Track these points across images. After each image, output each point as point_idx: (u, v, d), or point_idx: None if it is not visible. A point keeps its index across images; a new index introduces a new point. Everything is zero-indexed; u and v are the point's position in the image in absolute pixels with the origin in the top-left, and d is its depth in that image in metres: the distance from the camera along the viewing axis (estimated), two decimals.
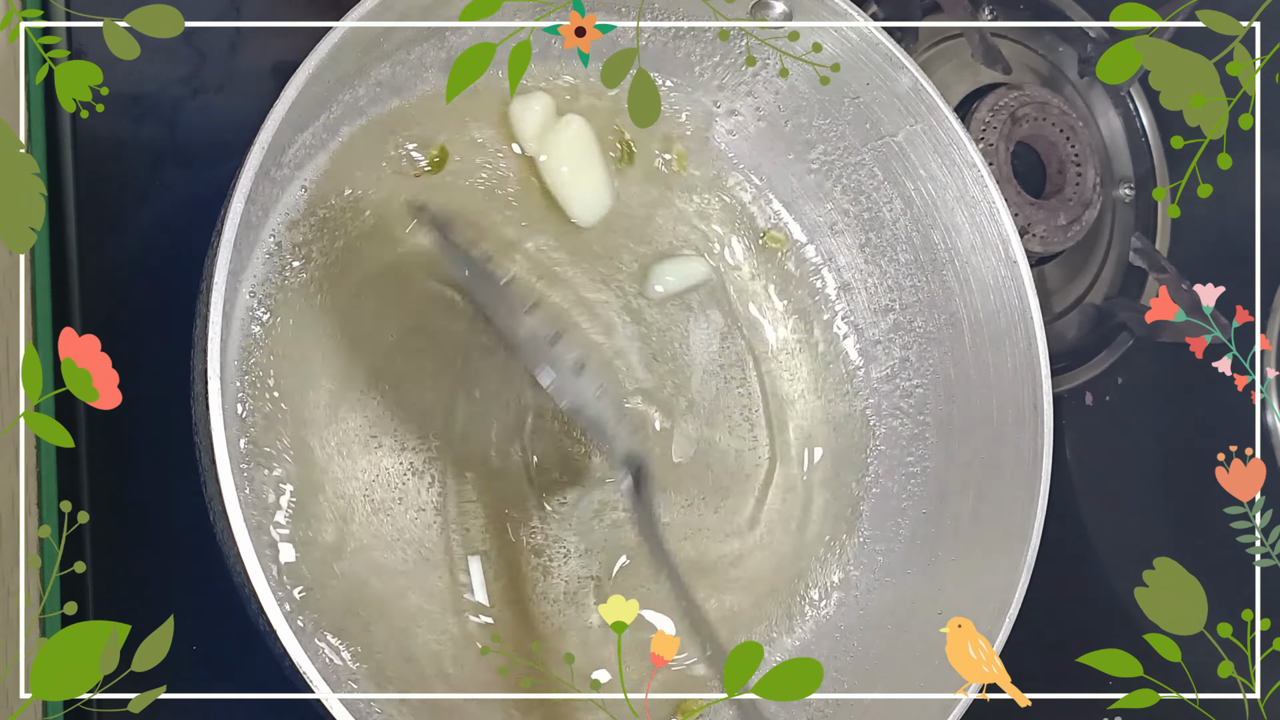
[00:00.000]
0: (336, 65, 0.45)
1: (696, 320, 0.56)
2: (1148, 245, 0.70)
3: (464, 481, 0.50)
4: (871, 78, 0.54)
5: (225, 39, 0.54)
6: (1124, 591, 0.64)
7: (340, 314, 0.49)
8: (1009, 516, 0.52)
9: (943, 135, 0.54)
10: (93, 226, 0.51)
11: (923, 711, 0.49)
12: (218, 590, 0.44)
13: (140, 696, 0.42)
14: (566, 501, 0.52)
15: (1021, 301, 0.54)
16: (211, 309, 0.40)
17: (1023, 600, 0.50)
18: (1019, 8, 0.70)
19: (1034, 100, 0.68)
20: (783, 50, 0.53)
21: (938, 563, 0.54)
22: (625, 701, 0.49)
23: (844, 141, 0.56)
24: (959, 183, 0.54)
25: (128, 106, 0.52)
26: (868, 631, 0.54)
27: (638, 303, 0.55)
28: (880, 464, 0.58)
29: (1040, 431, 0.52)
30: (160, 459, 0.50)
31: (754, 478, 0.56)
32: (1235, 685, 0.50)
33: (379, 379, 0.49)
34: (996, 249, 0.54)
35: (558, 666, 0.49)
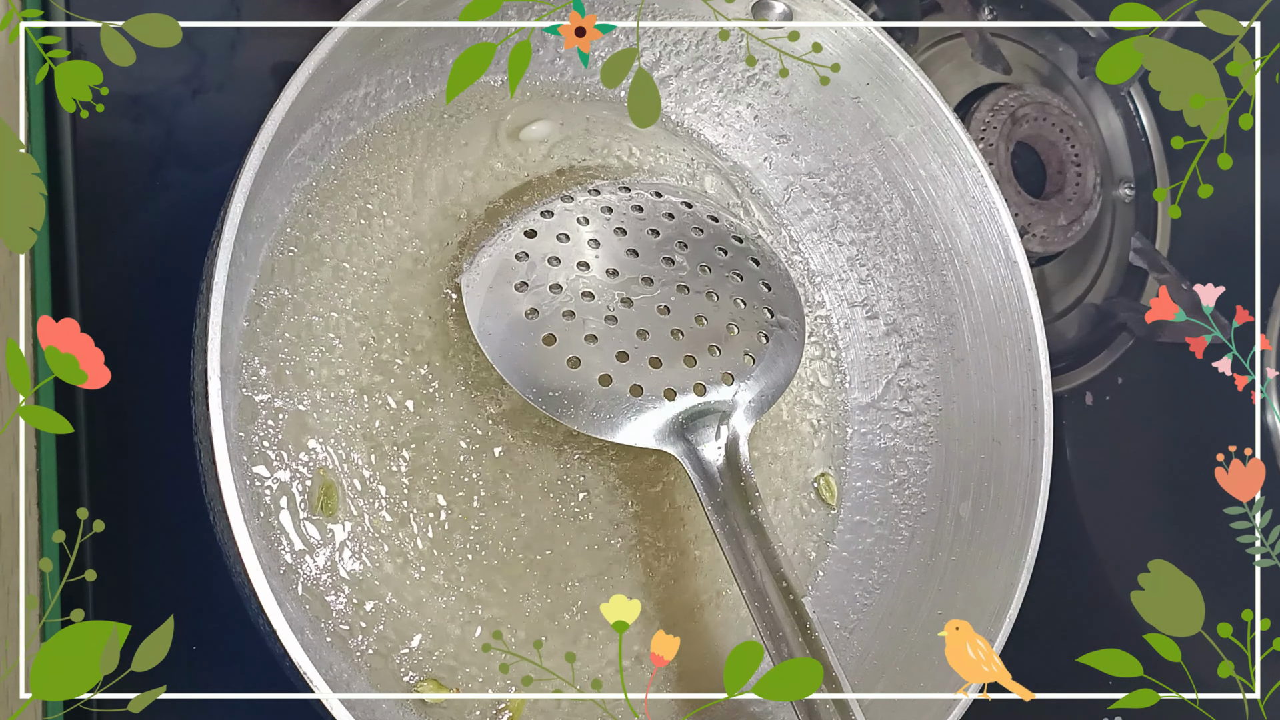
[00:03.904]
0: (336, 65, 0.45)
1: None
2: (1148, 245, 0.70)
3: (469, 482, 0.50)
4: (871, 78, 0.54)
5: (225, 39, 0.54)
6: (1124, 591, 0.64)
7: (342, 315, 0.49)
8: (1009, 516, 0.52)
9: (943, 135, 0.54)
10: (93, 226, 0.51)
11: (923, 711, 0.49)
12: (218, 590, 0.44)
13: (140, 696, 0.42)
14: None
15: (1021, 301, 0.54)
16: (211, 309, 0.40)
17: (1023, 600, 0.50)
18: (1019, 8, 0.70)
19: (1034, 100, 0.68)
20: (782, 50, 0.53)
21: (938, 563, 0.54)
22: (625, 701, 0.49)
23: (844, 141, 0.56)
24: (959, 183, 0.54)
25: (128, 106, 0.52)
26: (868, 631, 0.54)
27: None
28: (879, 464, 0.58)
29: (1040, 431, 0.53)
30: (160, 459, 0.50)
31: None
32: (1235, 685, 0.50)
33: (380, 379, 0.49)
34: (996, 249, 0.54)
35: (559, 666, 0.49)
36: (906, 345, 0.58)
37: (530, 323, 0.49)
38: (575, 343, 0.49)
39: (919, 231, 0.56)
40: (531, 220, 0.51)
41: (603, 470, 0.52)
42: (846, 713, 0.44)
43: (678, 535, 0.53)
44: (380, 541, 0.48)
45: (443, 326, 0.50)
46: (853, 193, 0.57)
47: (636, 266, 0.51)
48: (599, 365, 0.48)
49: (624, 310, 0.50)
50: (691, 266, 0.52)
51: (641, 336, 0.49)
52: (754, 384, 0.51)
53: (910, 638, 0.53)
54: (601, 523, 0.52)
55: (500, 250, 0.50)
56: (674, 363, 0.49)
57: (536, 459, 0.51)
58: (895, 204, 0.56)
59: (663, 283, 0.51)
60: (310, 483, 0.47)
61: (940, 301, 0.56)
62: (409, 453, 0.49)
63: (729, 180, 0.58)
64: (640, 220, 0.52)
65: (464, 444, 0.50)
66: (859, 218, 0.58)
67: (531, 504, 0.50)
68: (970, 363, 0.56)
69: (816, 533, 0.57)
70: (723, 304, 0.51)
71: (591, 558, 0.51)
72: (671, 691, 0.51)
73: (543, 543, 0.50)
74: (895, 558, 0.56)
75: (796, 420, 0.57)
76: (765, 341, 0.52)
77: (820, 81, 0.54)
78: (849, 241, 0.58)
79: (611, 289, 0.50)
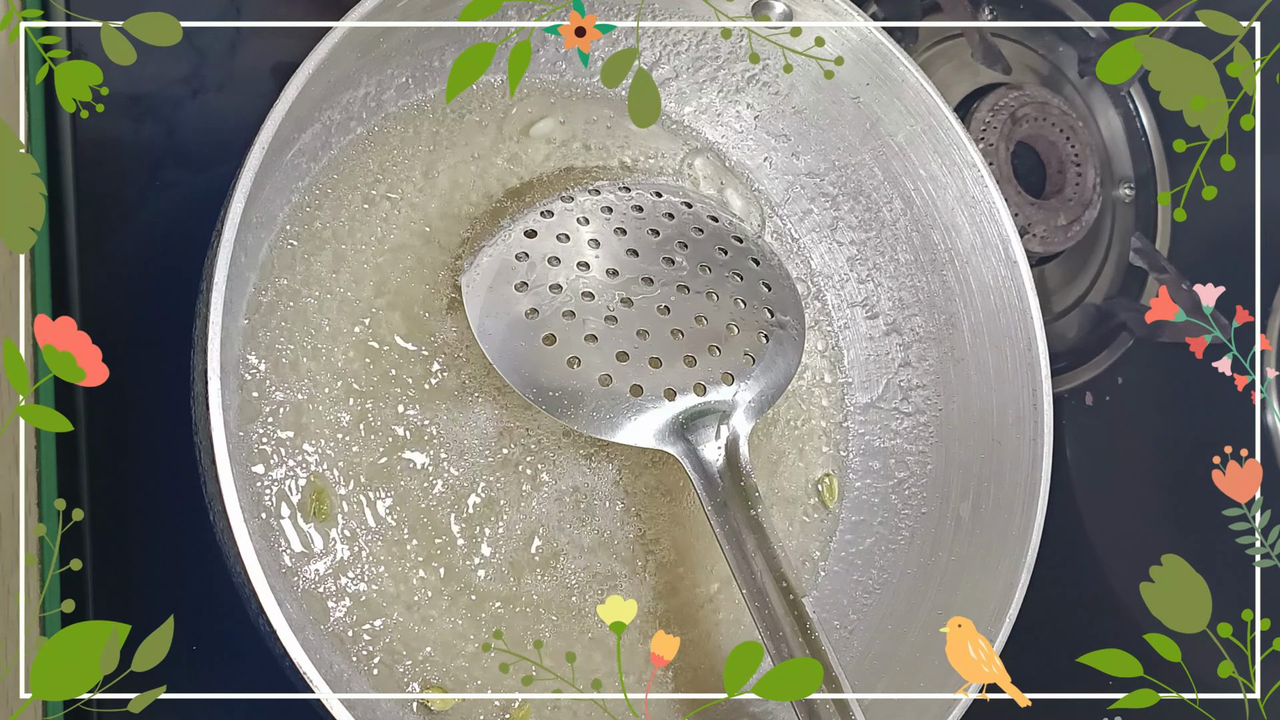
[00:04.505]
0: (336, 65, 0.45)
1: None
2: (1148, 245, 0.70)
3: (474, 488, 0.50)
4: (871, 78, 0.54)
5: (225, 39, 0.54)
6: (1124, 591, 0.65)
7: (343, 315, 0.49)
8: (1009, 516, 0.52)
9: (943, 135, 0.54)
10: (93, 226, 0.51)
11: (923, 711, 0.49)
12: (218, 590, 0.44)
13: (140, 696, 0.42)
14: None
15: (1021, 301, 0.54)
16: (211, 309, 0.40)
17: (1023, 600, 0.50)
18: (1019, 8, 0.70)
19: (1034, 100, 0.68)
20: (785, 46, 0.53)
21: (938, 563, 0.54)
22: (625, 701, 0.49)
23: (844, 141, 0.56)
24: (959, 183, 0.54)
25: (128, 106, 0.52)
26: (868, 631, 0.54)
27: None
28: (879, 464, 0.58)
29: (1040, 431, 0.53)
30: (160, 459, 0.50)
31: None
32: (1235, 685, 0.50)
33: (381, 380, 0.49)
34: (996, 249, 0.54)
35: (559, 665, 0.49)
36: (906, 345, 0.58)
37: (530, 323, 0.49)
38: (575, 343, 0.49)
39: (919, 231, 0.56)
40: (532, 220, 0.51)
41: (603, 470, 0.52)
42: (846, 713, 0.44)
43: (677, 535, 0.53)
44: (379, 540, 0.48)
45: (442, 325, 0.50)
46: (853, 193, 0.57)
47: (636, 266, 0.51)
48: (599, 365, 0.48)
49: (624, 310, 0.50)
50: (691, 266, 0.52)
51: (641, 336, 0.49)
52: (754, 384, 0.51)
53: (910, 638, 0.53)
54: (601, 523, 0.52)
55: (500, 250, 0.50)
56: (674, 363, 0.49)
57: (536, 459, 0.51)
58: (895, 204, 0.56)
59: (663, 283, 0.51)
60: (304, 484, 0.47)
61: (940, 301, 0.56)
62: (406, 451, 0.49)
63: (725, 178, 0.58)
64: (640, 220, 0.52)
65: (463, 443, 0.50)
66: (859, 218, 0.58)
67: (530, 503, 0.50)
68: (970, 363, 0.56)
69: (818, 534, 0.57)
70: (723, 304, 0.51)
71: (591, 558, 0.51)
72: (671, 691, 0.51)
73: (542, 542, 0.50)
74: (895, 558, 0.56)
75: (797, 421, 0.57)
76: (765, 341, 0.52)
77: (824, 75, 0.54)
78: (849, 241, 0.58)
79: (611, 289, 0.50)
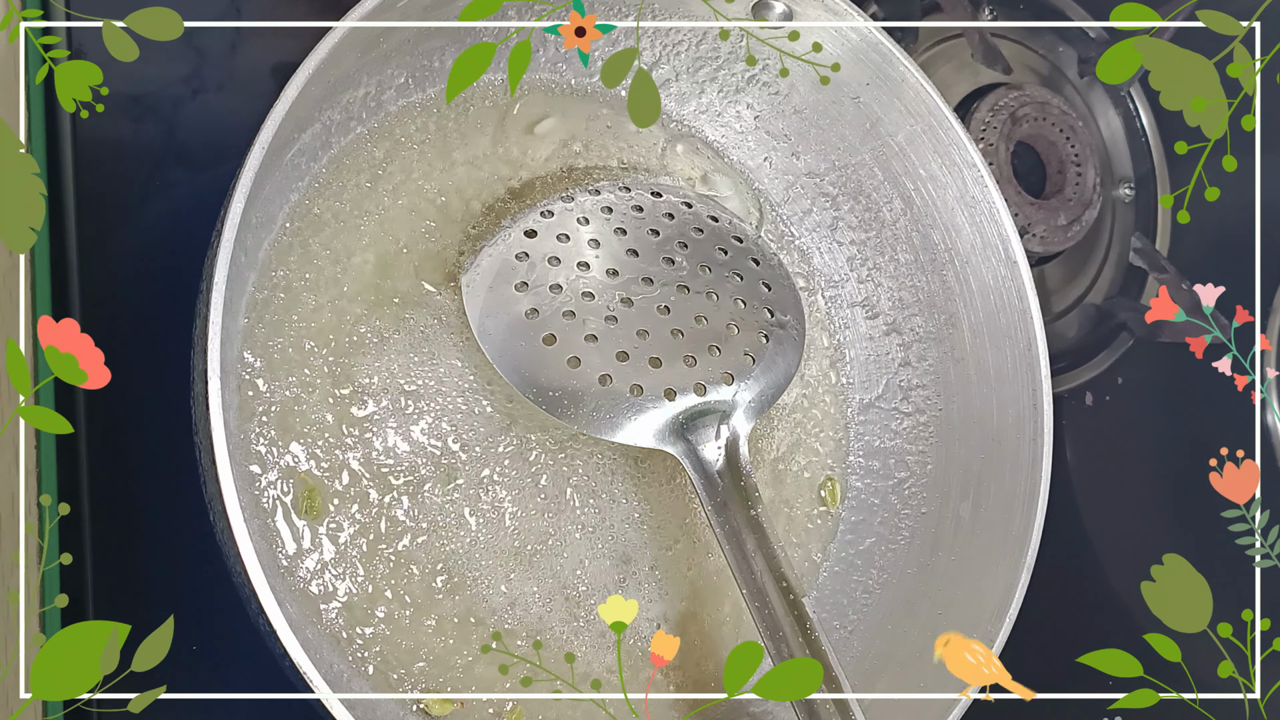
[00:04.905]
0: (336, 65, 0.45)
1: None
2: (1148, 245, 0.70)
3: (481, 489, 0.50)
4: (871, 78, 0.54)
5: (225, 39, 0.54)
6: (1124, 591, 0.65)
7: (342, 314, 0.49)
8: (1009, 516, 0.52)
9: (943, 135, 0.54)
10: (93, 226, 0.51)
11: (923, 711, 0.49)
12: (218, 590, 0.44)
13: (140, 696, 0.42)
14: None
15: (1021, 301, 0.54)
16: (211, 309, 0.40)
17: (1023, 600, 0.50)
18: (1019, 8, 0.70)
19: (1034, 100, 0.68)
20: (782, 50, 0.53)
21: (938, 563, 0.54)
22: (625, 701, 0.49)
23: (844, 141, 0.56)
24: (959, 183, 0.54)
25: (128, 106, 0.52)
26: (867, 631, 0.54)
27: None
28: (879, 464, 0.58)
29: (1040, 431, 0.53)
30: (160, 459, 0.50)
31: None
32: (1235, 685, 0.50)
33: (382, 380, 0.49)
34: (996, 249, 0.54)
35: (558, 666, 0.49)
36: (906, 345, 0.58)
37: (530, 322, 0.49)
38: (575, 342, 0.49)
39: (919, 231, 0.56)
40: (532, 220, 0.51)
41: (602, 470, 0.52)
42: (846, 713, 0.44)
43: (677, 535, 0.53)
44: (378, 541, 0.48)
45: (441, 324, 0.50)
46: (853, 193, 0.57)
47: (636, 266, 0.51)
48: (599, 365, 0.48)
49: (624, 310, 0.50)
50: (691, 266, 0.52)
51: (641, 336, 0.49)
52: (754, 384, 0.51)
53: (910, 638, 0.53)
54: (601, 522, 0.52)
55: (501, 250, 0.50)
56: (674, 362, 0.49)
57: (535, 459, 0.51)
58: (895, 204, 0.56)
59: (663, 282, 0.51)
60: (293, 483, 0.47)
61: (940, 301, 0.56)
62: (404, 449, 0.49)
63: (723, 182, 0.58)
64: (640, 220, 0.52)
65: (463, 443, 0.50)
66: (859, 218, 0.58)
67: (530, 503, 0.50)
68: (970, 363, 0.56)
69: (819, 534, 0.57)
70: (723, 304, 0.51)
71: (590, 558, 0.51)
72: (671, 691, 0.51)
73: (541, 542, 0.50)
74: (895, 558, 0.56)
75: (798, 421, 0.57)
76: (765, 341, 0.52)
77: (820, 81, 0.54)
78: (849, 241, 0.58)
79: (612, 289, 0.50)
